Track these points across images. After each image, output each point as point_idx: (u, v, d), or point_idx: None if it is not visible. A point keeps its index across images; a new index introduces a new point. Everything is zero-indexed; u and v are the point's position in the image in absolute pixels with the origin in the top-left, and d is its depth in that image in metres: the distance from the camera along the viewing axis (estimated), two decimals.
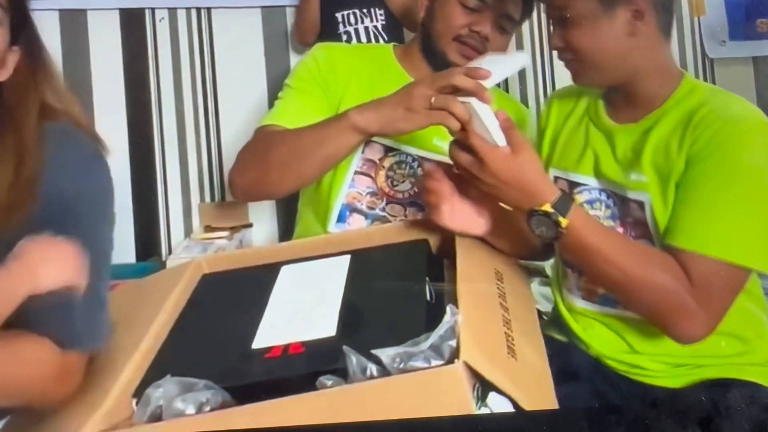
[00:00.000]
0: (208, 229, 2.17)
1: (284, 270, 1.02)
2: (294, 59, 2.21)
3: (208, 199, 2.26)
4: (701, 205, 0.95)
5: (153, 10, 2.19)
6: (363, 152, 1.29)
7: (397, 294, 0.92)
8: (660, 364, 1.05)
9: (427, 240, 1.05)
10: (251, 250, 1.11)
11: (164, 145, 2.21)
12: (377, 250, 1.05)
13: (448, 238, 1.05)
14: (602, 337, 1.09)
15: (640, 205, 1.02)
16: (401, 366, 0.73)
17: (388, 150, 1.29)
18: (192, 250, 2.00)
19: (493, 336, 0.80)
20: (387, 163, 1.28)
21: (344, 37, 2.04)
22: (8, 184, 0.80)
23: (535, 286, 1.89)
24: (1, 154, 0.81)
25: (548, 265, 1.92)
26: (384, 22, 2.04)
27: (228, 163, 2.26)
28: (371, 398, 0.71)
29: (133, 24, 2.18)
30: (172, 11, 2.21)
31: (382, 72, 1.33)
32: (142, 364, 0.85)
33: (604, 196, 1.08)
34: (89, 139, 0.89)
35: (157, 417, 0.75)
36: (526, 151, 0.94)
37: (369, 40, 2.05)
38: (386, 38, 2.03)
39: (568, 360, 1.11)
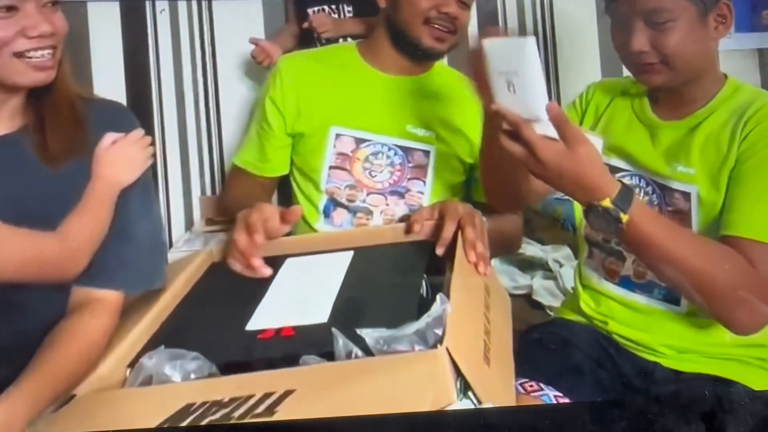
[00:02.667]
0: (210, 222, 2.17)
1: (288, 262, 1.04)
2: None
3: (209, 191, 2.26)
4: (762, 194, 0.96)
5: (153, 1, 2.19)
6: (335, 146, 1.30)
7: (393, 287, 0.94)
8: (666, 348, 1.08)
9: (432, 241, 1.04)
10: (264, 242, 1.13)
11: (165, 137, 2.21)
12: (380, 247, 1.06)
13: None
14: (615, 314, 1.12)
15: (686, 195, 1.04)
16: (384, 348, 0.73)
17: (359, 141, 1.30)
18: (193, 243, 2.00)
19: (474, 337, 0.80)
20: (361, 154, 1.29)
21: (315, 34, 2.02)
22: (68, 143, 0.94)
23: (538, 279, 1.89)
24: (59, 117, 0.94)
25: (551, 260, 1.93)
26: (354, 15, 2.03)
27: (229, 155, 2.25)
28: (351, 377, 0.70)
29: (133, 15, 2.18)
30: (173, 3, 2.20)
31: (345, 71, 1.34)
32: (141, 337, 0.89)
33: (643, 183, 1.10)
34: None
35: (147, 385, 0.78)
36: (583, 145, 0.91)
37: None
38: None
39: (577, 337, 1.14)
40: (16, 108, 0.93)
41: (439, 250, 1.00)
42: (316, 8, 2.02)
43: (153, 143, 1.02)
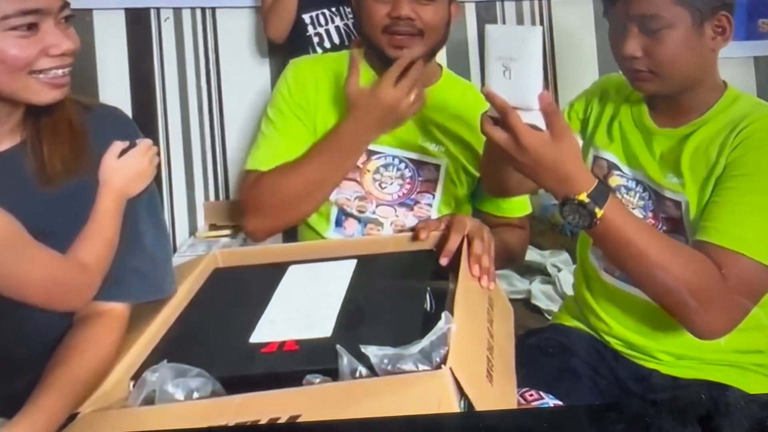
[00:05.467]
0: (213, 227, 2.19)
1: (291, 270, 1.03)
2: None
3: (212, 197, 2.27)
4: (740, 205, 0.96)
5: (158, 9, 2.20)
6: None
7: (396, 299, 0.92)
8: (664, 353, 1.07)
9: (433, 251, 1.04)
10: (267, 248, 1.12)
11: (169, 143, 2.22)
12: (384, 256, 1.06)
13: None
14: (615, 311, 1.12)
15: (677, 204, 1.04)
16: (389, 367, 0.73)
17: (371, 153, 1.29)
18: (197, 249, 2.01)
19: (478, 355, 0.80)
20: (371, 166, 1.28)
21: (315, 39, 2.00)
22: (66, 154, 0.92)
23: (537, 284, 1.90)
24: (57, 134, 0.92)
25: (549, 264, 1.94)
26: (354, 20, 1.99)
27: (232, 161, 2.27)
28: (356, 399, 0.70)
29: (138, 23, 2.19)
30: (177, 11, 2.22)
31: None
32: (144, 349, 0.87)
33: (640, 188, 1.09)
34: None
35: (150, 400, 0.76)
36: (567, 138, 0.92)
37: (342, 40, 2.01)
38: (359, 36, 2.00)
39: (574, 344, 1.14)
40: (17, 122, 0.90)
41: (443, 261, 1.00)
42: (312, 13, 2.00)
43: (158, 152, 1.00)
